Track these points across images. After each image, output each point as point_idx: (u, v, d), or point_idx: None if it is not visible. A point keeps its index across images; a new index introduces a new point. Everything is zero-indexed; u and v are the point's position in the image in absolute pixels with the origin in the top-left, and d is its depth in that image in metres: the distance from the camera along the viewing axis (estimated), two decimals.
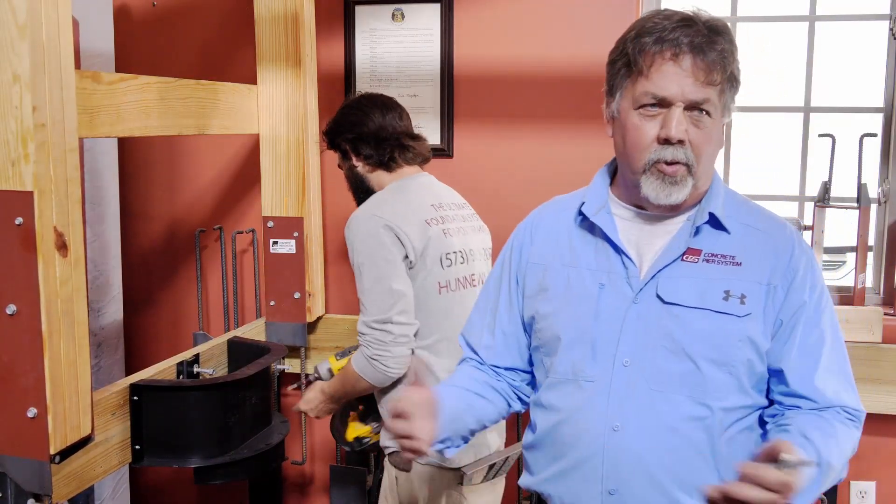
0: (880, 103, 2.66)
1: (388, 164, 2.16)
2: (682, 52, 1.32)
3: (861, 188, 2.58)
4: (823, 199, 2.64)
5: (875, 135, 2.64)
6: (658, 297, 1.38)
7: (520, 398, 1.60)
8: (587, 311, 1.43)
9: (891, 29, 2.59)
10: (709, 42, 1.32)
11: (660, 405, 1.35)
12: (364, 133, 2.16)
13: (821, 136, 2.66)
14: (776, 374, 1.39)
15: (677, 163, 1.34)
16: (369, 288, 2.01)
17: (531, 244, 1.55)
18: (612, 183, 1.51)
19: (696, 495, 1.32)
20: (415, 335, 2.03)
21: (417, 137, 2.20)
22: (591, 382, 1.40)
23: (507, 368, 1.59)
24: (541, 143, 2.73)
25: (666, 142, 1.34)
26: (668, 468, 1.35)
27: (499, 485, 2.18)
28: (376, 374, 2.02)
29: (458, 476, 2.05)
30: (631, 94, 1.37)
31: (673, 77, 1.32)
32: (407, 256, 2.02)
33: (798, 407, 1.38)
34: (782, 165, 2.88)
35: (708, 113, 1.34)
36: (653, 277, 1.39)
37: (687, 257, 1.39)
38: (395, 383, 2.09)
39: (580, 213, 1.48)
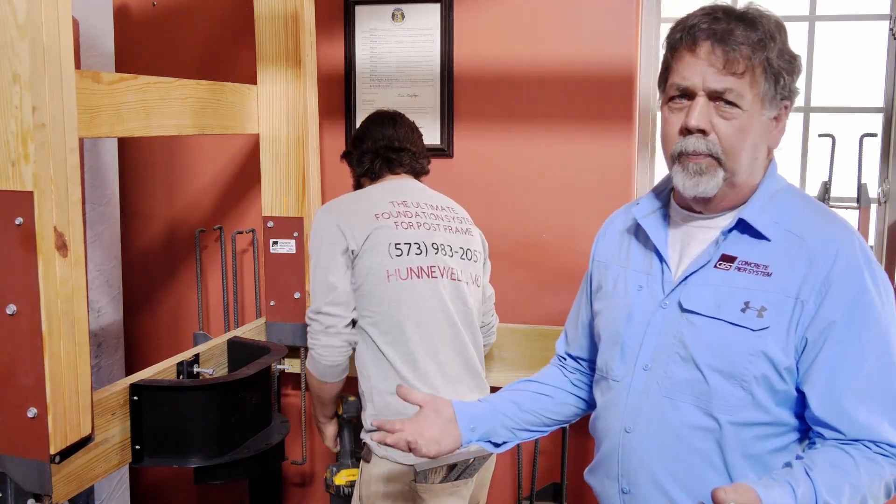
0: (880, 103, 2.66)
1: (369, 174, 2.29)
2: (699, 40, 1.30)
3: (861, 188, 2.58)
4: (823, 199, 2.64)
5: (875, 135, 2.64)
6: (679, 303, 1.36)
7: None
8: (622, 312, 1.44)
9: (891, 29, 2.59)
10: (729, 30, 1.29)
11: (668, 411, 1.35)
12: (355, 147, 2.32)
13: (821, 136, 2.66)
14: (803, 397, 1.30)
15: (699, 154, 1.32)
16: (312, 278, 2.16)
17: (602, 241, 1.59)
18: None
19: None
20: (353, 325, 2.12)
21: (402, 150, 2.25)
22: (616, 382, 1.43)
23: (586, 360, 1.63)
24: (541, 143, 2.72)
25: (687, 132, 1.32)
26: (674, 474, 1.34)
27: (464, 489, 2.10)
28: (313, 363, 2.17)
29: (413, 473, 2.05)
30: (667, 90, 1.38)
31: (692, 66, 1.31)
32: (349, 248, 2.11)
33: (822, 436, 1.29)
34: (782, 165, 2.87)
35: (736, 105, 1.30)
36: (681, 283, 1.37)
37: (720, 264, 1.35)
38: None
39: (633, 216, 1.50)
